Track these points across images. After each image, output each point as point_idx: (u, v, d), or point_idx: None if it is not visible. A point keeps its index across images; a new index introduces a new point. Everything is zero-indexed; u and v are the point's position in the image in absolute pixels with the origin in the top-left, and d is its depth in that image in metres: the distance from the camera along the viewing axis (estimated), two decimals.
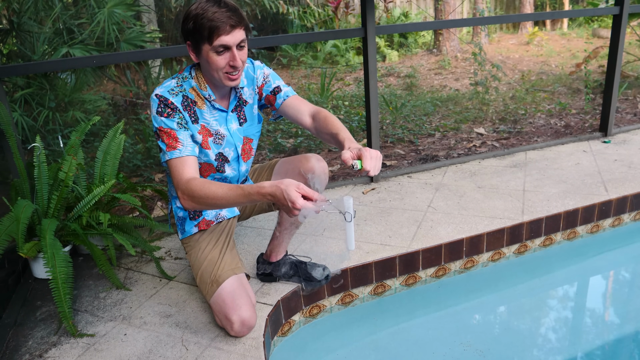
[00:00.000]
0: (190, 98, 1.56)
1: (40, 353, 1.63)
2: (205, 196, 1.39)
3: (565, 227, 2.37)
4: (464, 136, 3.81)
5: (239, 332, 1.59)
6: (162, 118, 1.51)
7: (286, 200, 1.22)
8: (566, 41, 8.61)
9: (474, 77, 4.76)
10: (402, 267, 2.05)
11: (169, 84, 1.55)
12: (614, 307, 2.09)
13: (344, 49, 7.64)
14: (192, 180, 1.44)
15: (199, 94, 1.58)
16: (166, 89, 1.53)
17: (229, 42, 1.43)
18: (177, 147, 1.50)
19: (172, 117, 1.51)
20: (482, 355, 1.74)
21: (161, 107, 1.51)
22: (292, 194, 1.21)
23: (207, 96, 1.58)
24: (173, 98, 1.52)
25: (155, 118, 1.52)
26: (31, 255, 1.86)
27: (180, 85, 1.56)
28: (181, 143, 1.50)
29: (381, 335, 1.90)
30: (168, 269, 2.09)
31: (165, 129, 1.51)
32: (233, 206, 1.38)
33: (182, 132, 1.52)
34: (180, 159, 1.49)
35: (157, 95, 1.51)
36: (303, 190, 1.23)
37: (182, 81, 1.57)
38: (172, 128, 1.51)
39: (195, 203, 1.42)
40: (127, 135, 3.60)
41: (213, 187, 1.39)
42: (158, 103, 1.51)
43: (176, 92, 1.54)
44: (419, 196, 2.63)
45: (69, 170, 2.00)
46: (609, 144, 3.33)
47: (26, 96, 3.18)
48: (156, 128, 1.52)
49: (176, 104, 1.52)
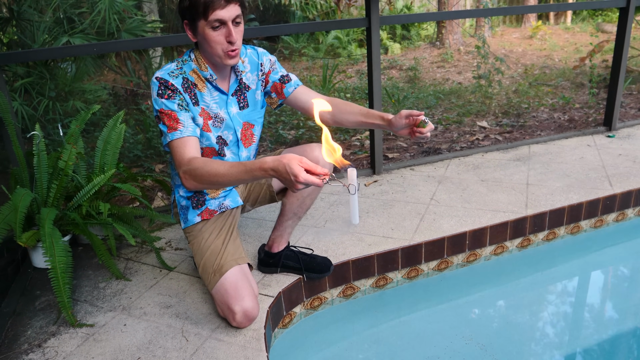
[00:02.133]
0: (190, 80, 1.56)
1: (39, 343, 1.61)
2: (207, 174, 1.37)
3: (568, 221, 2.35)
4: (467, 129, 3.79)
5: (241, 323, 1.57)
6: (163, 100, 1.50)
7: (289, 174, 1.19)
8: (570, 35, 8.55)
9: (477, 70, 4.72)
10: (404, 260, 2.04)
11: (169, 67, 1.55)
12: (617, 302, 2.08)
13: (346, 41, 7.58)
14: (193, 159, 1.43)
15: (199, 75, 1.58)
16: (166, 71, 1.53)
17: (224, 17, 1.43)
18: (178, 127, 1.49)
19: (173, 98, 1.51)
20: (484, 349, 1.73)
21: (161, 89, 1.50)
22: (295, 167, 1.18)
23: (209, 76, 1.58)
24: (173, 80, 1.52)
25: (156, 101, 1.51)
26: (30, 245, 1.85)
27: (180, 67, 1.56)
28: (182, 124, 1.50)
29: (382, 328, 1.89)
30: (168, 259, 2.07)
31: (166, 111, 1.50)
32: (236, 184, 1.37)
33: (183, 113, 1.51)
34: (181, 139, 1.48)
35: (157, 78, 1.51)
36: (306, 164, 1.20)
37: (182, 64, 1.57)
38: (173, 109, 1.50)
39: (198, 182, 1.40)
40: (128, 126, 3.57)
41: (215, 164, 1.37)
42: (158, 85, 1.51)
43: (176, 74, 1.54)
44: (421, 189, 2.61)
45: (69, 159, 1.97)
46: (613, 138, 3.30)
47: (26, 85, 3.16)
48: (157, 111, 1.51)
49: (176, 86, 1.52)
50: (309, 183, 1.18)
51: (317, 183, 1.18)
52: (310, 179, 1.18)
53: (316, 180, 1.18)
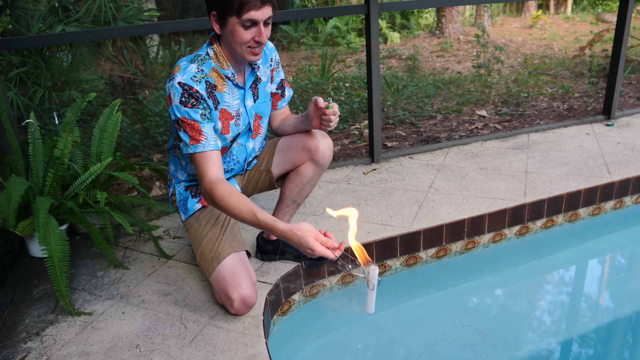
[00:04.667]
0: (211, 83, 1.52)
1: (37, 331, 1.61)
2: (222, 207, 1.42)
3: (567, 209, 2.35)
4: (466, 118, 3.77)
5: (239, 310, 1.57)
6: (187, 109, 1.45)
7: (303, 247, 1.26)
8: (570, 25, 8.49)
9: (477, 59, 4.69)
10: (402, 247, 2.04)
11: (190, 69, 1.48)
12: (614, 289, 2.08)
13: (345, 30, 7.53)
14: (216, 186, 1.42)
15: (220, 74, 1.55)
16: (189, 75, 1.46)
17: (257, 18, 1.41)
18: (201, 140, 1.47)
19: (197, 107, 1.46)
20: (482, 335, 1.73)
21: (185, 96, 1.45)
22: (311, 242, 1.25)
23: (230, 75, 1.55)
24: (197, 85, 1.46)
25: (178, 108, 1.46)
26: (27, 234, 1.84)
27: (202, 70, 1.50)
28: (204, 136, 1.47)
29: (381, 315, 1.89)
30: (167, 248, 2.07)
31: (188, 121, 1.46)
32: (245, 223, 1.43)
33: (206, 124, 1.48)
34: (204, 154, 1.47)
35: (180, 83, 1.44)
36: (320, 239, 1.25)
37: (201, 64, 1.51)
38: (197, 120, 1.47)
39: (213, 204, 1.46)
40: (125, 116, 3.55)
41: (233, 201, 1.39)
42: (182, 92, 1.44)
43: (199, 78, 1.48)
44: (420, 177, 2.60)
45: (65, 147, 1.96)
46: (612, 127, 3.29)
47: (21, 75, 3.13)
48: (178, 117, 1.47)
49: (201, 92, 1.47)
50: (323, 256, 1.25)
51: (331, 257, 1.24)
52: (326, 253, 1.24)
53: (330, 255, 1.25)
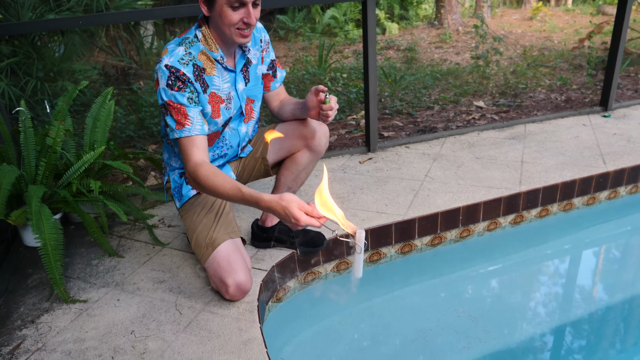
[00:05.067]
0: (199, 66, 1.50)
1: (33, 319, 1.61)
2: (207, 188, 1.42)
3: (561, 198, 2.35)
4: (463, 109, 3.76)
5: (234, 296, 1.58)
6: (173, 92, 1.45)
7: (288, 217, 1.23)
8: (570, 17, 8.45)
9: (475, 50, 4.67)
10: (398, 235, 2.04)
11: (178, 52, 1.47)
12: (607, 278, 2.09)
13: (343, 21, 7.48)
14: (199, 168, 1.42)
15: (209, 57, 1.53)
16: (176, 58, 1.45)
17: None
18: (187, 125, 1.46)
19: (184, 90, 1.45)
20: (475, 321, 1.74)
21: (172, 79, 1.44)
22: (295, 212, 1.22)
23: (219, 58, 1.54)
24: (184, 68, 1.45)
25: (165, 91, 1.45)
26: (20, 223, 1.83)
27: (189, 52, 1.49)
28: (190, 121, 1.46)
29: (376, 301, 1.90)
30: (161, 236, 2.06)
31: (174, 104, 1.45)
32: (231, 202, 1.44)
33: (192, 108, 1.47)
34: (189, 138, 1.46)
35: (167, 66, 1.44)
36: (305, 209, 1.23)
37: (189, 47, 1.50)
38: (183, 104, 1.46)
39: (198, 187, 1.46)
40: (119, 106, 3.53)
41: (217, 181, 1.39)
42: (169, 75, 1.43)
43: (186, 61, 1.47)
44: (416, 166, 2.60)
45: (57, 135, 1.94)
46: (609, 118, 3.29)
47: (13, 65, 3.10)
48: (164, 101, 1.46)
49: (188, 75, 1.46)
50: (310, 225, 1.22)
51: (317, 225, 1.21)
52: (311, 222, 1.21)
53: (316, 222, 1.21)
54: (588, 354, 1.69)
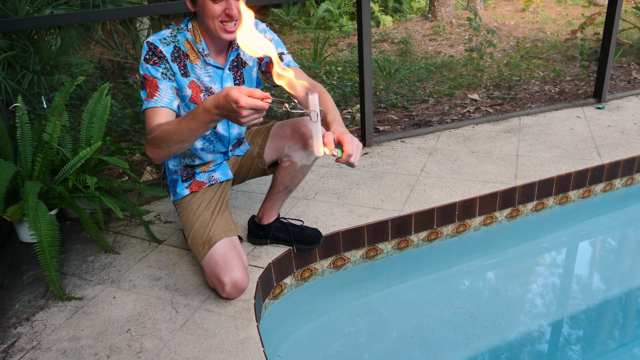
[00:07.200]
0: (182, 50, 1.53)
1: (28, 316, 1.61)
2: (160, 138, 1.32)
3: (557, 191, 2.36)
4: (458, 102, 3.76)
5: (230, 294, 1.57)
6: (148, 65, 1.48)
7: (230, 104, 1.11)
8: (562, 8, 8.45)
9: (469, 43, 4.66)
10: (394, 231, 2.04)
11: (164, 32, 1.52)
12: (604, 271, 2.11)
13: (337, 14, 7.44)
14: (153, 130, 1.37)
15: (193, 47, 1.55)
16: (158, 37, 1.51)
17: None
18: (154, 96, 1.46)
19: (158, 65, 1.49)
20: (473, 317, 1.75)
21: (149, 54, 1.49)
22: (234, 93, 1.10)
23: (201, 50, 1.55)
24: (163, 47, 1.50)
25: (142, 65, 1.50)
26: (16, 219, 1.81)
27: (175, 35, 1.53)
28: (159, 92, 1.46)
29: (373, 298, 1.90)
30: (158, 232, 2.05)
31: (148, 77, 1.48)
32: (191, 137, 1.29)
33: (164, 82, 1.48)
34: (154, 109, 1.45)
35: (148, 42, 1.49)
36: (246, 91, 1.12)
37: (177, 32, 1.54)
38: (155, 77, 1.48)
39: (158, 148, 1.35)
40: (116, 100, 3.50)
41: (164, 125, 1.34)
42: (147, 50, 1.49)
43: (168, 41, 1.51)
44: (412, 161, 2.60)
45: (53, 131, 1.93)
46: (603, 110, 3.30)
47: (9, 59, 3.06)
48: (141, 75, 1.50)
49: (165, 53, 1.49)
50: (252, 106, 1.10)
51: (260, 105, 1.11)
52: (253, 102, 1.10)
53: (259, 102, 1.11)
54: (585, 347, 1.71)
